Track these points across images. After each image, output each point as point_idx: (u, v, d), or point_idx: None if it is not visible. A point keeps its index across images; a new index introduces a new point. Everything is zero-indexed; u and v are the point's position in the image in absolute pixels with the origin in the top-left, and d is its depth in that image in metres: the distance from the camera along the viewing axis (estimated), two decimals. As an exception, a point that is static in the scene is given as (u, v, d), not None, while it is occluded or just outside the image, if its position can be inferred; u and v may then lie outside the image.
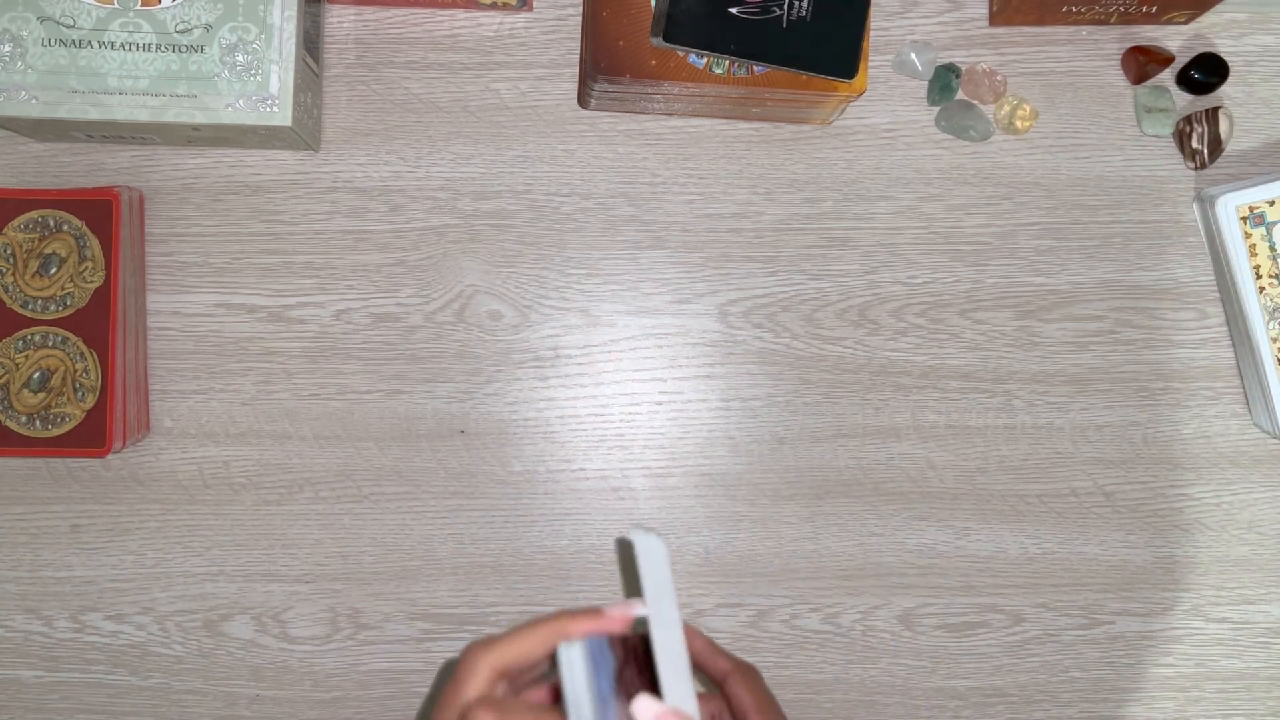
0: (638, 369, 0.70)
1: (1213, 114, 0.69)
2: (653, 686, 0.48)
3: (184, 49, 0.62)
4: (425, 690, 0.70)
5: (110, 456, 0.69)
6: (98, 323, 0.65)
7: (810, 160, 0.70)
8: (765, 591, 0.70)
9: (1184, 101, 0.71)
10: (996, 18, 0.70)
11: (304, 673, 0.70)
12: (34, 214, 0.65)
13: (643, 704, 0.46)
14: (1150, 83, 0.70)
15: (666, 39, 0.60)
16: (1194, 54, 0.70)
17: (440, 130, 0.69)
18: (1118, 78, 0.71)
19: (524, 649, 0.49)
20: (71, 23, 0.62)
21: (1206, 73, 0.69)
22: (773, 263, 0.70)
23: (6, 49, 0.62)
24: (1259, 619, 0.71)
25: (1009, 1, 0.67)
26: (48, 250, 0.65)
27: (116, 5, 0.62)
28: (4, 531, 0.69)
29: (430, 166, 0.69)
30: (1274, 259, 0.67)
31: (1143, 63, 0.69)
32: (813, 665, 0.71)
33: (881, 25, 0.70)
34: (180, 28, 0.62)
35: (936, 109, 0.70)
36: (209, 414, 0.69)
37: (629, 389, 0.70)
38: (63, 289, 0.65)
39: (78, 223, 0.65)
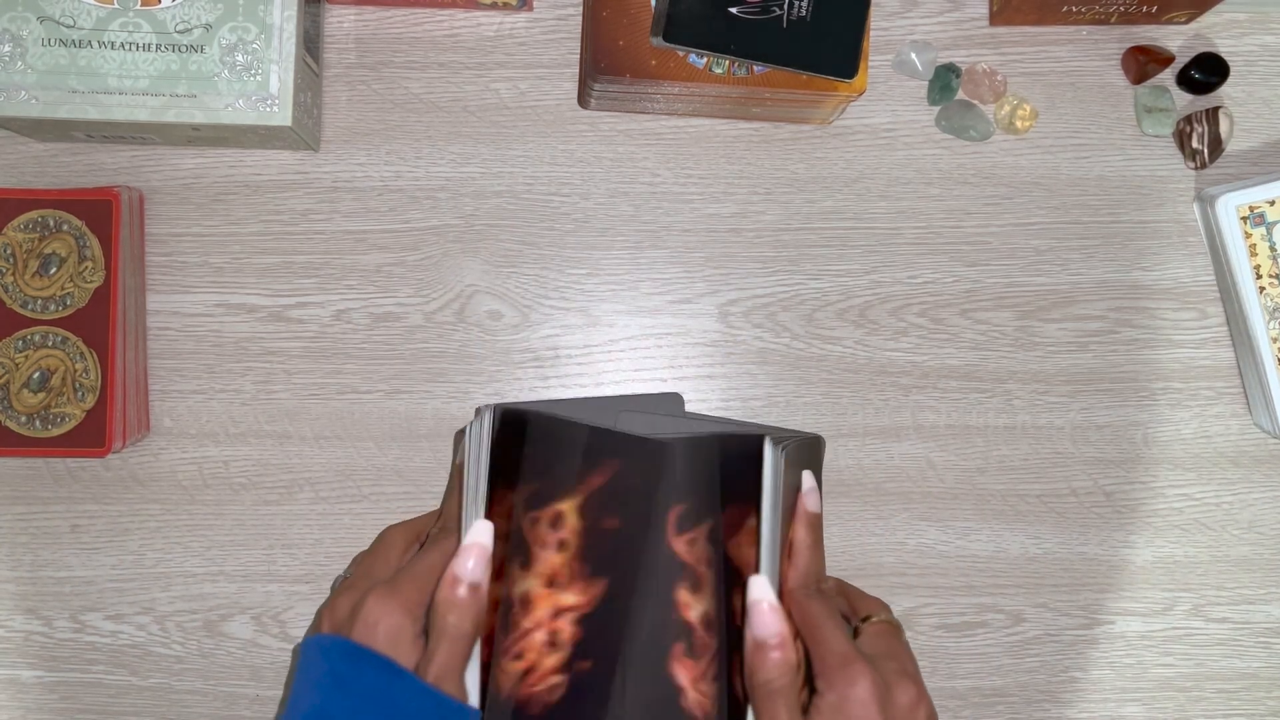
0: (638, 369, 0.70)
1: (1213, 114, 0.69)
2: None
3: (184, 49, 0.62)
4: (425, 690, 0.70)
5: (110, 456, 0.69)
6: (98, 323, 0.65)
7: (810, 160, 0.70)
8: (765, 591, 0.70)
9: (1184, 101, 0.71)
10: (996, 18, 0.70)
11: (304, 673, 0.70)
12: (34, 214, 0.65)
13: (759, 583, 0.51)
14: (1150, 83, 0.70)
15: (666, 39, 0.60)
16: (1194, 54, 0.70)
17: (440, 130, 0.69)
18: (1118, 78, 0.71)
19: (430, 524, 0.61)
20: (71, 23, 0.62)
21: (1207, 73, 0.69)
22: (773, 263, 0.70)
23: (6, 49, 0.62)
24: (1259, 619, 0.71)
25: (1009, 1, 0.67)
26: (47, 250, 0.65)
27: (116, 5, 0.62)
28: (4, 531, 0.69)
29: (430, 166, 0.69)
30: (1274, 259, 0.67)
31: (1143, 63, 0.69)
32: (813, 665, 0.71)
33: (881, 25, 0.70)
34: (180, 28, 0.62)
35: (936, 109, 0.70)
36: (209, 414, 0.69)
37: (629, 389, 0.70)
38: (62, 289, 0.65)
39: (78, 223, 0.65)
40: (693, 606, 0.55)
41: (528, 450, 0.58)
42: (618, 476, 0.56)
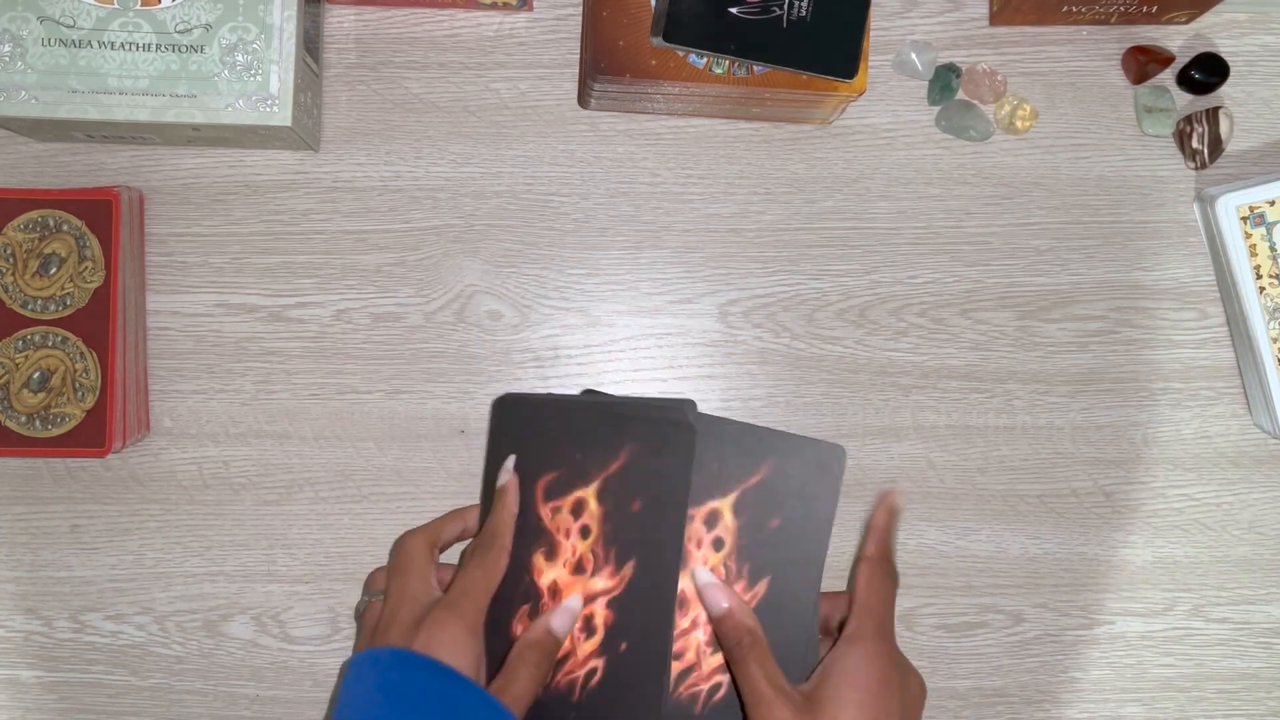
0: (638, 369, 0.70)
1: (1213, 114, 0.69)
2: None
3: (184, 49, 0.62)
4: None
5: (110, 456, 0.69)
6: (98, 323, 0.65)
7: (810, 160, 0.70)
8: (765, 591, 0.70)
9: (1184, 101, 0.71)
10: (996, 18, 0.70)
11: (304, 673, 0.70)
12: (34, 214, 0.65)
13: (701, 571, 0.58)
14: (1150, 83, 0.70)
15: (666, 39, 0.60)
16: (1194, 54, 0.70)
17: (440, 130, 0.69)
18: (1118, 78, 0.71)
19: (452, 529, 0.61)
20: (71, 23, 0.62)
21: (1207, 73, 0.69)
22: (773, 263, 0.70)
23: (6, 49, 0.62)
24: (1259, 619, 0.71)
25: (1009, 1, 0.67)
26: (48, 250, 0.65)
27: (116, 5, 0.62)
28: (4, 531, 0.69)
29: (430, 166, 0.69)
30: (1274, 259, 0.67)
31: (1143, 63, 0.69)
32: (813, 665, 0.71)
33: (881, 25, 0.70)
34: (180, 28, 0.62)
35: (936, 109, 0.70)
36: (209, 414, 0.69)
37: (629, 389, 0.70)
38: (62, 289, 0.65)
39: (78, 223, 0.65)
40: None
41: (535, 438, 0.60)
42: (635, 459, 0.58)
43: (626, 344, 0.70)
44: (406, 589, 0.57)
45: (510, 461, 0.60)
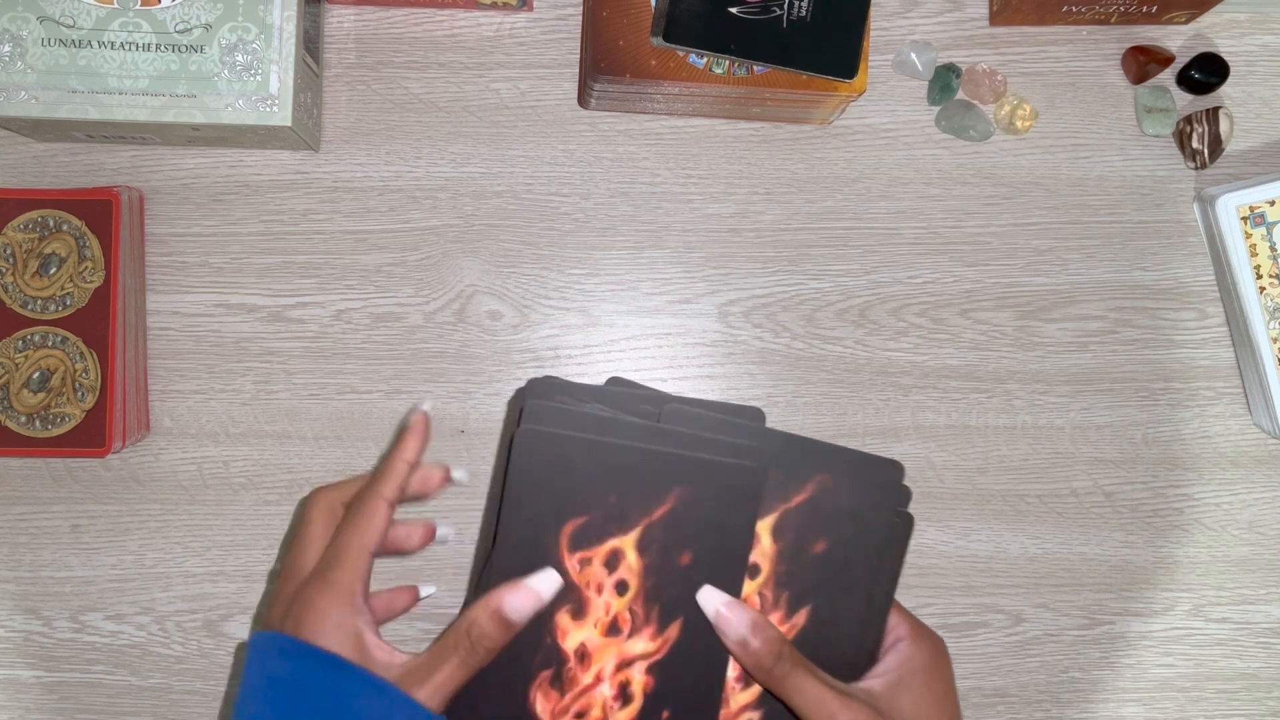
0: (638, 369, 0.70)
1: (1213, 114, 0.69)
2: None
3: (184, 49, 0.62)
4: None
5: (110, 456, 0.69)
6: (98, 323, 0.65)
7: (810, 160, 0.70)
8: (765, 591, 0.70)
9: (1184, 101, 0.71)
10: (996, 18, 0.70)
11: (304, 673, 0.70)
12: (34, 214, 0.65)
13: (706, 593, 0.50)
14: (1150, 83, 0.70)
15: (666, 39, 0.60)
16: (1194, 54, 0.70)
17: (440, 130, 0.69)
18: (1118, 78, 0.71)
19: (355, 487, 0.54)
20: (71, 23, 0.62)
21: (1207, 73, 0.69)
22: (773, 263, 0.70)
23: (6, 49, 0.62)
24: (1259, 619, 0.71)
25: (1009, 1, 0.67)
26: (47, 250, 0.65)
27: (116, 5, 0.62)
28: (4, 531, 0.69)
29: (430, 166, 0.69)
30: (1274, 259, 0.67)
31: (1143, 63, 0.69)
32: (813, 665, 0.71)
33: (881, 25, 0.70)
34: (180, 28, 0.62)
35: (936, 109, 0.70)
36: (209, 414, 0.69)
37: (629, 389, 0.70)
38: (62, 289, 0.65)
39: (77, 223, 0.65)
40: None
41: (560, 476, 0.51)
42: (685, 504, 0.51)
43: (626, 344, 0.70)
44: (297, 560, 0.52)
45: (427, 400, 0.54)
